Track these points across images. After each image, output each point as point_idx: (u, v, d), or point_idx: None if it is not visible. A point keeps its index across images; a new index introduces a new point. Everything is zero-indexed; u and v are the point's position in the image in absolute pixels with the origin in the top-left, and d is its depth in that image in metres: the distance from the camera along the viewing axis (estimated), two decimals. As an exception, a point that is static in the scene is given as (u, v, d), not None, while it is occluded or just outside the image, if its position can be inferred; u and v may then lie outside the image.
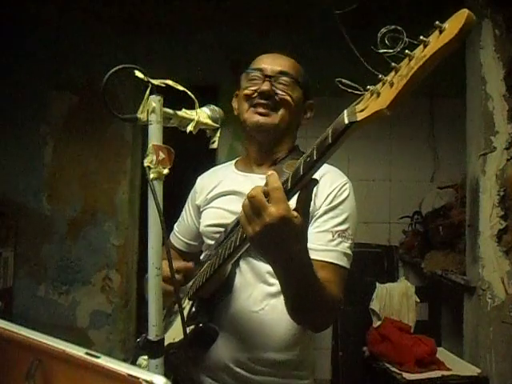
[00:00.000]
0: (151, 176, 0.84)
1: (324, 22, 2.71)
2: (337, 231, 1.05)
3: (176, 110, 0.93)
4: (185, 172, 1.38)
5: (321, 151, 0.69)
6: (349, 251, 1.06)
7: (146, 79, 0.85)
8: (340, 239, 1.05)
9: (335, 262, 1.03)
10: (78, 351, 0.49)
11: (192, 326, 1.05)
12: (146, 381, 0.44)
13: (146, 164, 0.85)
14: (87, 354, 0.48)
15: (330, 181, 1.10)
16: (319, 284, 0.88)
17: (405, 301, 2.83)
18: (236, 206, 0.95)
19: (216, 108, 1.03)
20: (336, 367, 3.06)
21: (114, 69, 0.84)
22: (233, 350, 1.08)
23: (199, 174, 1.36)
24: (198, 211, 1.28)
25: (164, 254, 0.87)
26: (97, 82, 3.00)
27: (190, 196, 1.35)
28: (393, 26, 0.58)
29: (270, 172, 0.75)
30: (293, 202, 0.77)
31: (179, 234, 1.35)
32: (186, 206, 1.36)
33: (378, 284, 2.90)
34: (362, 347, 2.76)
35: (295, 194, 0.76)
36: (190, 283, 1.13)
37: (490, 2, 2.25)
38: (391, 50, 0.58)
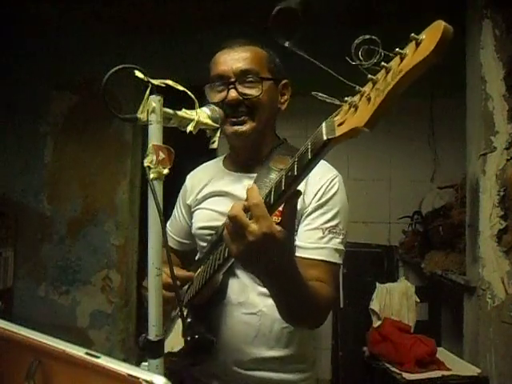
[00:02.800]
0: (151, 176, 0.84)
1: (324, 22, 2.70)
2: (327, 228, 1.05)
3: (176, 110, 0.92)
4: (185, 172, 1.37)
5: (301, 166, 0.68)
6: (340, 246, 1.05)
7: (146, 79, 0.85)
8: (331, 235, 1.04)
9: (326, 259, 1.03)
10: (77, 351, 0.49)
11: (188, 338, 1.03)
12: (146, 381, 0.44)
13: (146, 164, 0.85)
14: (87, 354, 0.48)
15: (319, 176, 1.08)
16: (308, 289, 0.88)
17: (405, 301, 2.83)
18: (226, 207, 0.94)
19: (216, 108, 1.03)
20: (336, 367, 3.06)
21: (114, 69, 0.83)
22: (234, 353, 1.08)
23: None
24: (190, 211, 1.27)
25: (164, 256, 0.86)
26: (97, 82, 3.00)
27: (180, 195, 1.34)
28: (367, 36, 0.56)
29: (250, 185, 0.74)
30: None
31: (171, 233, 1.34)
32: (177, 204, 1.34)
33: (377, 284, 2.90)
34: (362, 347, 2.76)
35: (278, 207, 0.74)
36: (185, 289, 1.13)
37: (489, 2, 2.25)
38: (366, 63, 0.55)
